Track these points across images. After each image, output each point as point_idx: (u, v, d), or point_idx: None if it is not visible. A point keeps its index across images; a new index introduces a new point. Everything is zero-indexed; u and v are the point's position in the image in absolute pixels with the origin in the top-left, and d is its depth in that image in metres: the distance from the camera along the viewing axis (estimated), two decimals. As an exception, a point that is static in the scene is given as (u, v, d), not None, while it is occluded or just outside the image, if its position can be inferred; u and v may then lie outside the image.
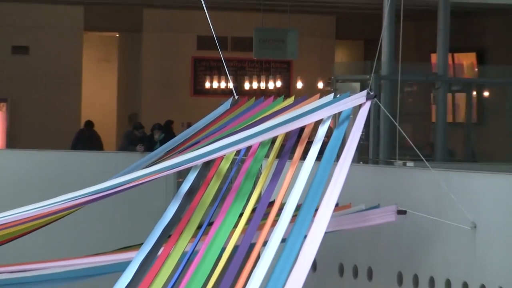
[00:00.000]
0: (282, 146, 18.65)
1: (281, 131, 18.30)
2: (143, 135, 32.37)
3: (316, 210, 17.23)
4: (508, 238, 18.82)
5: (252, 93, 24.92)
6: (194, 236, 18.16)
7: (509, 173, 21.11)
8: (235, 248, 17.62)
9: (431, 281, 19.94)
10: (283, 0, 32.87)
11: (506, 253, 18.85)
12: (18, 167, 26.75)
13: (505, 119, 28.84)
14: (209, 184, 18.90)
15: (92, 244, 21.02)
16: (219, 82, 35.43)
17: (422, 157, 19.64)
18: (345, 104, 17.93)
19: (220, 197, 18.63)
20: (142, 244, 18.41)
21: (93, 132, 35.20)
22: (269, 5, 33.46)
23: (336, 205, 17.47)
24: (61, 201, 19.45)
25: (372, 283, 21.24)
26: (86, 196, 19.17)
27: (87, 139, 34.97)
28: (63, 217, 20.65)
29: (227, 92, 20.39)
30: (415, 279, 20.27)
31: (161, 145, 23.01)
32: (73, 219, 20.78)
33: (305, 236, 16.97)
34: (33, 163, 26.47)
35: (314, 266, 18.34)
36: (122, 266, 18.76)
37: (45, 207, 19.53)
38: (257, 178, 18.51)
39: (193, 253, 17.95)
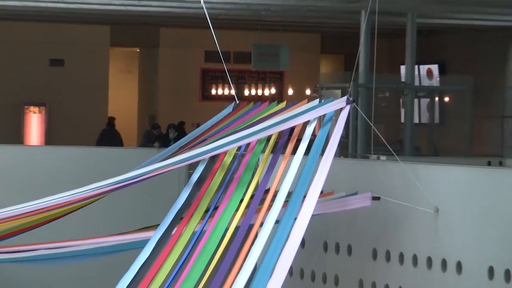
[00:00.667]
0: (276, 143, 18.86)
1: (274, 131, 18.66)
2: (159, 134, 32.73)
3: (304, 196, 17.48)
4: (465, 220, 19.07)
5: (251, 98, 25.04)
6: (202, 218, 18.47)
7: (465, 165, 21.49)
8: (237, 228, 17.94)
9: (401, 256, 20.02)
10: (276, 21, 32.94)
11: (463, 233, 19.17)
12: (55, 161, 26.76)
13: (462, 121, 29.00)
14: (215, 175, 19.17)
15: (116, 225, 21.15)
16: (223, 89, 35.42)
17: (393, 152, 19.93)
18: (328, 108, 18.24)
19: (224, 186, 18.92)
20: (158, 225, 18.81)
21: (115, 131, 35.49)
22: (265, 25, 33.57)
23: (321, 192, 17.73)
24: (90, 189, 19.65)
25: (351, 258, 21.30)
26: (111, 185, 19.43)
27: (109, 137, 35.30)
28: (92, 203, 20.84)
29: (229, 98, 20.64)
30: (387, 255, 20.40)
31: (174, 142, 23.09)
32: (100, 205, 20.83)
33: (295, 219, 17.25)
34: (67, 157, 26.58)
35: (302, 244, 18.39)
36: (142, 243, 19.15)
37: (77, 194, 19.67)
38: (255, 169, 18.75)
39: (201, 232, 18.24)
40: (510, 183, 19.29)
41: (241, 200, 18.27)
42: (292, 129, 18.73)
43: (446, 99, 29.36)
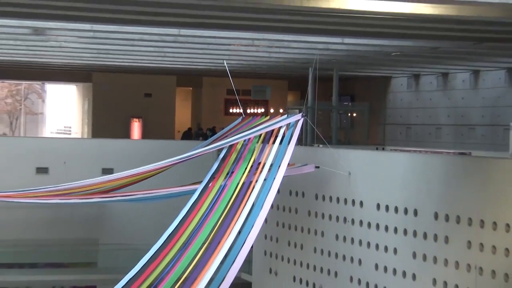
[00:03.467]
0: (264, 138, 18.93)
1: (263, 131, 19.08)
2: (202, 133, 33.16)
3: (279, 166, 17.74)
4: (364, 177, 18.76)
5: (251, 114, 25.16)
6: (225, 178, 18.31)
7: (363, 150, 21.46)
8: (243, 183, 17.69)
9: (330, 198, 19.67)
10: (264, 73, 32.25)
11: (363, 185, 18.75)
12: (147, 148, 26.08)
13: (363, 126, 28.59)
14: (231, 155, 19.21)
15: (179, 182, 20.87)
16: (236, 109, 34.85)
17: (326, 143, 20.60)
18: (292, 119, 18.92)
19: (237, 161, 18.96)
20: (201, 181, 18.76)
21: (190, 132, 35.53)
22: (258, 75, 32.79)
23: (289, 164, 18.21)
24: (165, 162, 19.85)
25: (304, 199, 20.66)
26: (177, 160, 19.71)
27: (186, 136, 35.26)
28: (165, 170, 20.78)
29: (239, 114, 20.85)
30: (323, 197, 19.93)
31: (210, 137, 23.61)
32: (171, 171, 20.83)
33: (275, 178, 17.41)
34: (153, 146, 26.28)
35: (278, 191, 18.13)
36: (191, 192, 18.97)
37: (158, 165, 20.03)
38: (253, 152, 18.93)
39: (225, 185, 18.03)
40: (384, 157, 19.50)
41: (245, 168, 18.47)
42: (272, 130, 19.07)
43: (354, 114, 29.16)
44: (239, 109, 27.10)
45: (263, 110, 34.22)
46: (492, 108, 27.84)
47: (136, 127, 35.39)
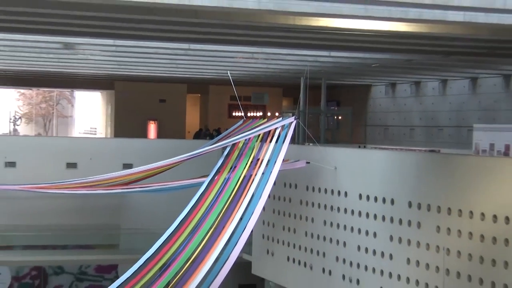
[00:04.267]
0: (262, 137, 18.77)
1: (261, 132, 18.91)
2: (209, 134, 32.56)
3: (275, 162, 17.58)
4: (347, 170, 18.67)
5: (251, 117, 25.18)
6: (228, 172, 18.15)
7: (347, 148, 21.42)
8: (244, 177, 17.49)
9: (319, 189, 19.45)
10: (263, 82, 32.01)
11: (347, 177, 18.66)
12: (162, 146, 25.85)
13: (347, 127, 28.29)
14: (234, 152, 19.06)
15: (188, 176, 20.24)
16: (238, 113, 34.71)
17: (316, 141, 20.30)
18: (286, 121, 18.66)
19: (238, 157, 18.79)
20: (208, 175, 18.66)
21: (201, 132, 35.18)
22: (257, 83, 32.69)
23: (283, 160, 18.07)
24: (177, 158, 19.77)
25: (296, 190, 20.57)
26: (187, 157, 19.59)
27: (197, 135, 34.80)
28: (177, 165, 20.64)
29: (241, 117, 20.81)
30: (313, 188, 19.71)
31: (216, 137, 23.35)
32: (181, 166, 20.58)
33: (271, 171, 17.25)
34: (166, 145, 25.75)
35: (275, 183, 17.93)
36: (200, 184, 18.81)
37: (170, 161, 20.02)
38: (252, 149, 18.80)
39: (228, 178, 17.81)
40: (365, 154, 19.37)
41: (246, 164, 18.31)
42: (269, 131, 18.85)
43: (340, 117, 28.88)
44: (241, 112, 26.85)
45: (261, 113, 34.01)
46: (458, 112, 27.73)
47: (152, 128, 35.11)
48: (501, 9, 12.08)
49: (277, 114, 31.68)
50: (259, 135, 18.81)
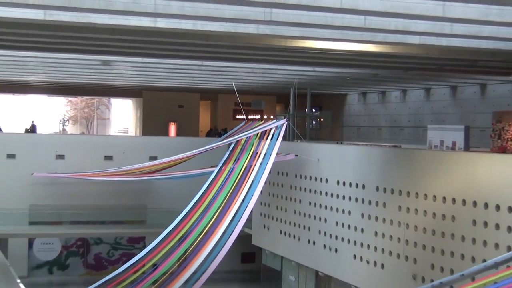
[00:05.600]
0: (260, 135, 18.67)
1: (259, 131, 18.87)
2: (217, 133, 31.59)
3: (270, 155, 17.58)
4: (328, 161, 18.61)
5: (251, 119, 24.90)
6: (233, 164, 18.26)
7: (328, 144, 20.96)
8: (246, 167, 17.51)
9: (304, 177, 19.38)
10: (260, 92, 31.53)
11: (328, 167, 18.59)
12: (181, 142, 25.09)
13: (327, 127, 27.73)
14: (237, 147, 19.04)
15: (200, 167, 20.82)
16: (241, 116, 33.33)
17: (302, 138, 20.68)
18: (279, 123, 18.73)
19: (241, 151, 18.78)
20: (217, 165, 18.74)
21: (211, 131, 34.30)
22: (256, 92, 32.09)
23: (277, 153, 18.06)
24: (191, 152, 19.75)
25: (287, 177, 20.40)
26: (199, 151, 19.48)
27: (208, 134, 33.97)
28: (191, 159, 20.45)
29: (243, 119, 20.39)
30: (300, 176, 19.64)
31: (223, 135, 23.14)
32: (195, 159, 20.52)
33: (267, 163, 17.37)
34: (183, 142, 25.19)
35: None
36: (210, 172, 18.73)
37: (185, 155, 20.01)
38: (252, 145, 18.73)
39: (233, 168, 17.86)
40: (342, 149, 19.15)
41: (247, 156, 18.31)
42: (266, 130, 18.78)
43: (322, 119, 28.41)
44: (243, 115, 26.67)
45: (259, 116, 33.51)
46: (415, 115, 27.56)
47: (172, 128, 34.42)
48: (448, 34, 12.10)
49: (271, 117, 31.14)
50: (257, 133, 18.74)
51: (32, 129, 31.94)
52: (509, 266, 9.67)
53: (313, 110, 26.87)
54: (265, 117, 34.29)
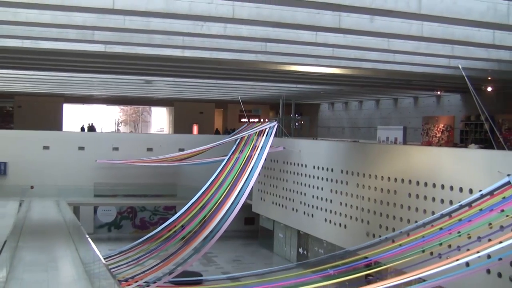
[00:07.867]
0: (258, 133, 18.18)
1: (257, 130, 18.42)
2: (227, 131, 30.29)
3: (265, 148, 17.05)
4: (309, 154, 18.23)
5: (251, 122, 24.10)
6: (239, 153, 17.75)
7: (309, 140, 20.32)
8: (248, 156, 16.88)
9: (290, 163, 19.21)
10: (258, 102, 31.13)
11: (307, 156, 18.30)
12: (201, 139, 24.53)
13: (307, 128, 27.37)
14: (242, 142, 18.57)
15: (214, 155, 20.46)
16: (244, 119, 32.19)
17: (288, 136, 20.41)
18: (271, 124, 18.25)
19: (244, 145, 18.22)
20: (227, 155, 18.28)
21: (226, 131, 33.66)
22: (254, 102, 31.40)
23: (270, 146, 17.55)
24: (206, 147, 19.48)
25: (277, 164, 20.31)
26: (212, 145, 19.18)
27: (224, 133, 33.37)
28: (207, 150, 19.92)
29: (245, 122, 19.75)
30: (287, 162, 19.57)
31: (231, 134, 22.81)
32: (210, 151, 20.19)
33: (263, 154, 16.75)
34: (203, 138, 24.87)
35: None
36: (222, 160, 18.27)
37: (203, 147, 19.69)
38: (252, 140, 18.35)
39: (239, 158, 17.26)
40: (317, 143, 18.62)
41: (249, 149, 17.91)
42: (262, 130, 18.44)
43: (302, 122, 27.99)
44: (245, 119, 26.32)
45: (257, 120, 32.53)
46: (369, 119, 27.48)
47: (195, 128, 33.99)
48: (392, 61, 12.26)
49: (267, 120, 30.95)
50: (256, 132, 18.49)
51: (91, 129, 31.79)
52: (432, 225, 9.96)
53: (296, 115, 26.75)
54: (262, 120, 34.04)
